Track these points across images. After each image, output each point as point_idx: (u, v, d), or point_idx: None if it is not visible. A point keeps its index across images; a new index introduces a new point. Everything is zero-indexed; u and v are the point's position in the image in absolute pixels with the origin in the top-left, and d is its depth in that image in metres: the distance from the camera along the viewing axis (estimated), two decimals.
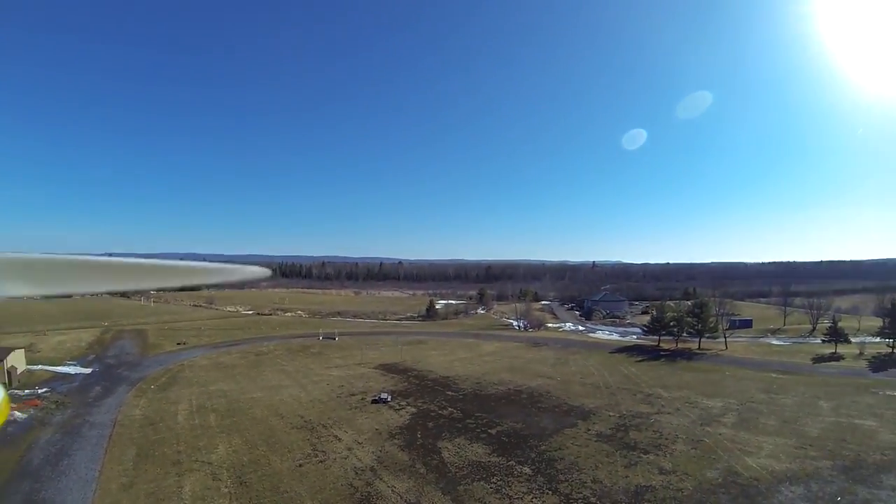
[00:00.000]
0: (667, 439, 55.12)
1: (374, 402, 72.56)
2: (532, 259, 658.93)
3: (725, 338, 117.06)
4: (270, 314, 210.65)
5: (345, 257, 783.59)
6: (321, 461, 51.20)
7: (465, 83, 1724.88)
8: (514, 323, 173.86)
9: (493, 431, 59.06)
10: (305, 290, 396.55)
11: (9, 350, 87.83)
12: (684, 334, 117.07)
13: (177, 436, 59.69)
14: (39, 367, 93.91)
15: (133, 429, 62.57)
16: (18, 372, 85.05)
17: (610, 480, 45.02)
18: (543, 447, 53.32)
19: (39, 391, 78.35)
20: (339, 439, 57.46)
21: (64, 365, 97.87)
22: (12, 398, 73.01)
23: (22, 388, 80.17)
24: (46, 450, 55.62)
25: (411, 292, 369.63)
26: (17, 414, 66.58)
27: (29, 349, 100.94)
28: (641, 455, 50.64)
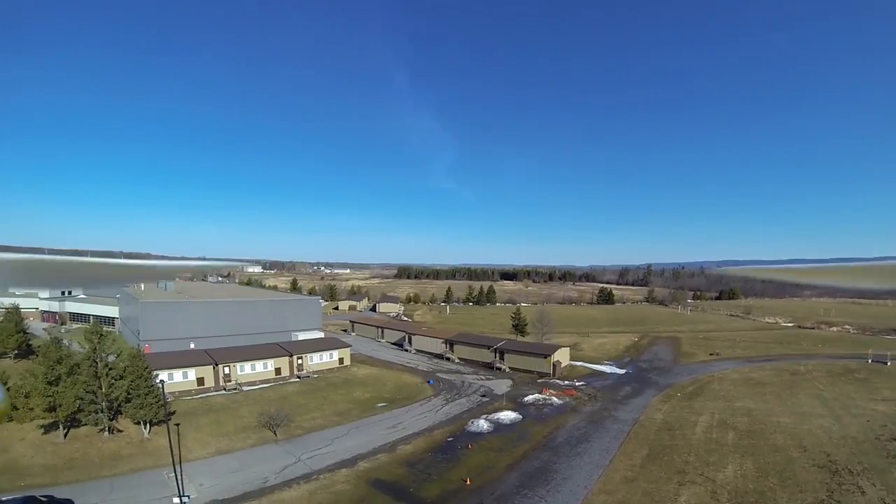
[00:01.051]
0: None
1: None
2: None
3: None
4: (813, 328, 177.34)
5: None
6: None
7: None
8: None
9: None
10: (856, 300, 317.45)
11: (556, 347, 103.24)
12: None
13: (690, 446, 55.67)
14: (580, 363, 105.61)
15: (651, 431, 62.03)
16: (562, 366, 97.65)
17: None
18: None
19: (576, 384, 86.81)
20: (863, 492, 43.73)
21: (601, 364, 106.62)
22: (553, 387, 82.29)
23: (562, 379, 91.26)
24: (571, 432, 61.40)
25: None
26: (555, 399, 75.14)
27: (573, 348, 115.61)
28: None
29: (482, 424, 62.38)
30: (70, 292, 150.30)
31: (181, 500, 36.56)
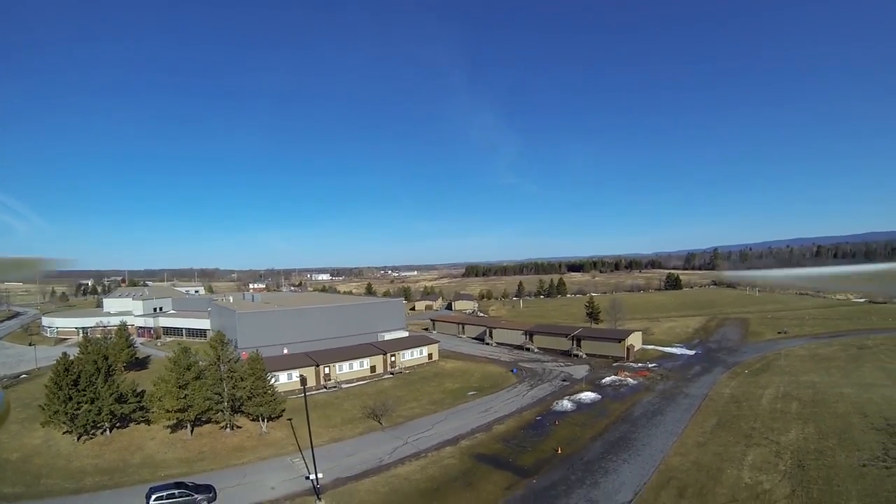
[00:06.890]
0: None
1: None
2: None
3: None
4: (885, 302, 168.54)
5: None
6: (887, 468, 43.78)
7: None
8: None
9: None
10: None
11: (630, 332, 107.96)
12: None
13: (756, 415, 60.10)
14: (651, 346, 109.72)
15: (719, 403, 66.56)
16: (635, 349, 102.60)
17: None
18: None
19: (649, 365, 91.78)
20: None
21: (671, 346, 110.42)
22: (627, 369, 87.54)
23: (636, 361, 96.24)
24: (646, 407, 66.86)
25: None
26: (630, 380, 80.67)
27: (645, 332, 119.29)
28: None
29: (566, 404, 67.46)
30: (161, 308, 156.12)
31: (316, 477, 42.68)
